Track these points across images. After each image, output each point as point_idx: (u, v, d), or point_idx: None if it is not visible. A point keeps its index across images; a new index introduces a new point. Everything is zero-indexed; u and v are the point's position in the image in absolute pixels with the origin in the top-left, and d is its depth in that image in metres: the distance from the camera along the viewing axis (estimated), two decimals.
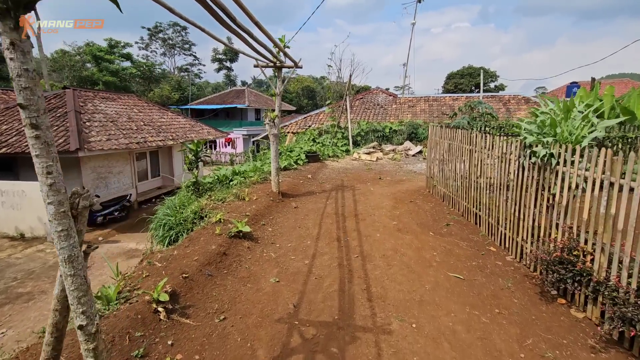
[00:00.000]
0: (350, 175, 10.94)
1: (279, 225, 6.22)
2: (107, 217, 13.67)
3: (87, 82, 34.26)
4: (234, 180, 9.45)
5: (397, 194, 8.56)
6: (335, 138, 16.06)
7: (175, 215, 6.44)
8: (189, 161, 8.72)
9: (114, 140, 13.72)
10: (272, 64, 7.28)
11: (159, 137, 16.47)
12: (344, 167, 12.50)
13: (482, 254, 4.98)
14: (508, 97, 20.41)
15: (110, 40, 35.20)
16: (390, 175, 11.01)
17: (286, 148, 13.06)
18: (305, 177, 10.30)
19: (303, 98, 55.13)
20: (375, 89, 23.45)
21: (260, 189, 8.20)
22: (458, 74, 57.53)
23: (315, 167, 11.84)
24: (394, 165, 12.83)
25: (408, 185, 9.65)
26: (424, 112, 20.22)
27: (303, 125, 20.62)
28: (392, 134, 17.53)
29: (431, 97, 21.93)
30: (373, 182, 10.01)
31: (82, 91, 16.40)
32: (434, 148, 8.29)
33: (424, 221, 6.41)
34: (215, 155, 32.61)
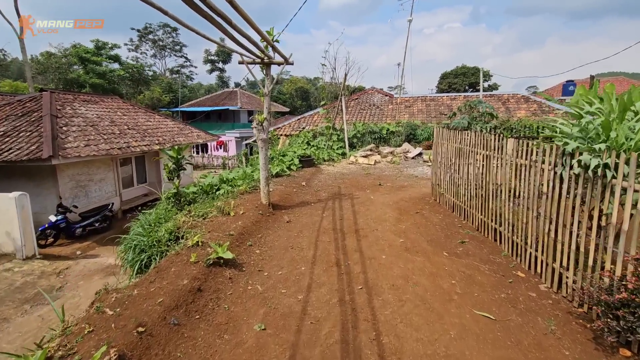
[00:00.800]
0: (347, 181, 10.08)
1: (269, 246, 5.33)
2: (86, 229, 12.66)
3: (74, 85, 33.05)
4: (221, 190, 8.55)
5: (400, 202, 7.71)
6: (331, 140, 15.20)
7: (149, 234, 5.52)
8: (168, 170, 7.79)
9: (93, 145, 12.71)
10: (260, 60, 6.40)
11: (144, 142, 15.47)
12: (341, 171, 11.65)
13: (510, 281, 4.14)
14: (507, 96, 19.72)
15: (97, 42, 34.02)
16: (390, 181, 10.17)
17: (279, 152, 12.17)
18: (299, 184, 9.42)
19: (297, 99, 54.28)
20: (370, 89, 22.64)
21: (248, 200, 7.30)
22: (452, 74, 57.07)
23: (310, 173, 10.97)
24: (393, 169, 12.00)
25: (411, 192, 8.82)
26: (421, 112, 19.45)
27: (297, 127, 19.74)
28: (390, 135, 16.71)
29: (428, 96, 21.17)
30: (373, 189, 9.16)
31: (60, 93, 15.35)
32: (441, 152, 7.46)
33: (435, 237, 5.56)
34: (208, 159, 31.60)
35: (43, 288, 9.09)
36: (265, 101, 6.62)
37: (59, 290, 8.95)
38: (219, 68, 53.00)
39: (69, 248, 12.07)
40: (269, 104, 6.65)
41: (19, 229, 9.85)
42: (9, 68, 47.51)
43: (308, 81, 63.59)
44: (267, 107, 6.66)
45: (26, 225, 10.05)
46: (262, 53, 6.26)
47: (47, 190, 12.41)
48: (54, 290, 8.86)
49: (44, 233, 11.58)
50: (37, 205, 12.32)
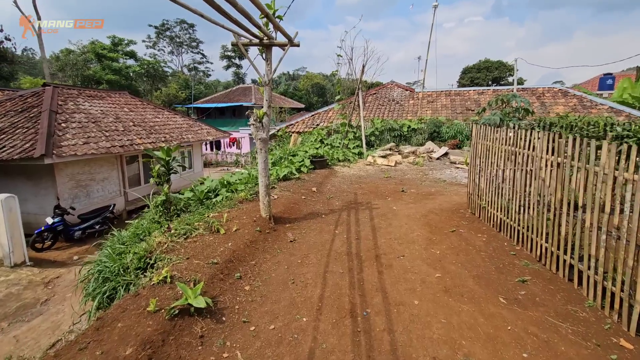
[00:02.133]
0: (365, 187, 8.70)
1: (263, 279, 4.05)
2: (86, 232, 11.78)
3: (92, 81, 32.76)
4: (220, 196, 7.34)
5: (429, 216, 6.29)
6: (346, 139, 13.80)
7: (116, 259, 4.34)
8: (156, 174, 6.63)
9: (92, 143, 11.78)
10: (258, 41, 5.10)
11: (150, 139, 14.51)
12: (357, 174, 10.27)
13: (614, 359, 2.71)
14: (542, 90, 17.76)
15: (113, 38, 33.60)
16: (415, 186, 8.73)
17: (288, 152, 10.89)
18: (309, 189, 8.11)
19: (313, 95, 52.92)
20: (389, 83, 21.04)
21: (246, 211, 6.04)
22: (474, 68, 54.31)
23: (322, 176, 9.64)
24: (416, 172, 10.52)
25: (441, 201, 7.37)
26: (445, 108, 17.77)
27: (310, 124, 18.42)
28: (411, 133, 15.17)
29: (453, 91, 19.42)
30: (395, 197, 7.76)
31: (64, 88, 14.54)
32: (482, 155, 5.98)
33: (483, 271, 4.15)
34: (221, 156, 30.74)
35: (27, 301, 8.15)
36: (265, 92, 5.31)
37: (44, 303, 7.98)
38: (235, 64, 52.15)
39: (66, 252, 11.19)
40: (269, 96, 5.34)
41: (6, 234, 8.96)
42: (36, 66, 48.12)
43: (324, 77, 62.07)
44: (268, 99, 5.36)
45: (14, 230, 9.15)
46: (263, 33, 4.96)
47: (45, 190, 11.57)
48: (38, 304, 7.90)
49: (41, 236, 10.74)
50: (35, 206, 11.51)
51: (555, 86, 17.87)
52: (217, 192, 7.92)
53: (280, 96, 40.46)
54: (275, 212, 6.20)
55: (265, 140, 5.38)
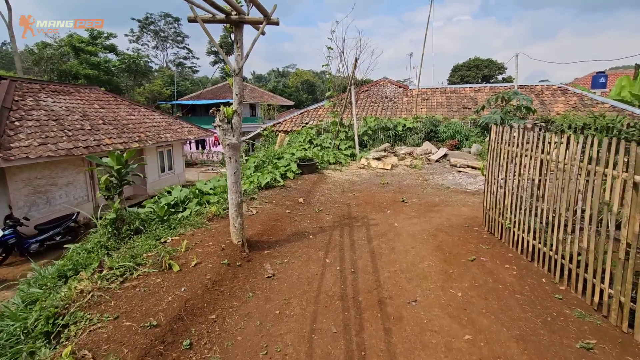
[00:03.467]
0: (359, 195, 7.53)
1: (223, 347, 2.82)
2: (45, 244, 10.34)
3: (68, 76, 30.76)
4: (188, 210, 6.07)
5: (439, 235, 5.15)
6: (338, 139, 12.60)
7: (19, 316, 3.08)
8: (104, 186, 5.33)
9: (51, 144, 10.31)
10: (224, 16, 3.84)
11: (121, 139, 13.06)
12: (350, 179, 9.09)
13: None
14: (541, 88, 16.85)
15: (92, 31, 31.58)
16: (416, 195, 7.60)
17: (273, 154, 9.64)
18: (295, 200, 6.89)
19: (302, 92, 51.57)
20: (382, 80, 19.89)
21: (216, 233, 4.80)
22: (464, 66, 53.71)
23: (311, 182, 8.43)
24: (415, 177, 9.40)
25: (448, 214, 6.24)
26: (441, 106, 16.71)
27: (300, 122, 17.16)
28: (407, 132, 14.05)
29: (448, 88, 18.38)
30: (395, 209, 6.60)
31: (24, 82, 12.96)
32: (506, 164, 4.83)
33: (527, 328, 3.00)
34: (207, 155, 29.25)
35: None
36: (235, 84, 4.07)
37: None
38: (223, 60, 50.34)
39: (19, 269, 9.69)
40: (240, 89, 4.10)
41: None
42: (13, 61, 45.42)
43: (314, 74, 60.71)
44: (238, 93, 4.11)
45: None
46: (230, 5, 3.71)
47: None
48: None
49: None
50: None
51: (554, 84, 16.98)
52: (186, 205, 6.65)
53: (269, 93, 39.00)
54: (252, 233, 4.97)
55: (235, 147, 4.13)
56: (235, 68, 3.99)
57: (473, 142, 12.88)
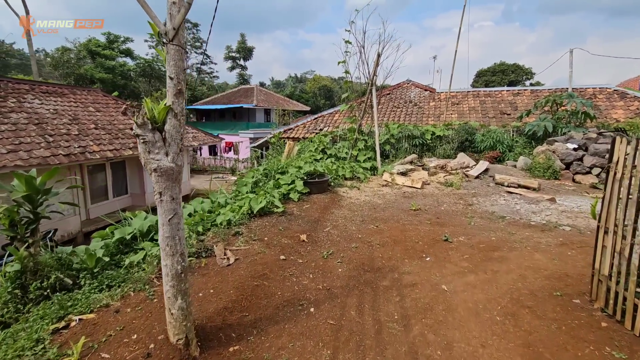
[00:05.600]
0: (384, 228, 5.49)
1: None
2: None
3: (85, 80, 30.18)
4: (141, 253, 4.22)
5: (522, 316, 3.05)
6: (355, 148, 10.59)
7: None
8: (7, 222, 3.57)
9: (23, 152, 8.78)
10: None
11: (112, 145, 11.49)
12: (371, 201, 7.06)
13: None
14: (592, 91, 14.32)
15: (108, 35, 30.99)
16: (462, 229, 5.49)
17: (276, 167, 7.73)
18: (296, 237, 4.93)
19: (320, 98, 49.89)
20: (405, 82, 17.78)
21: (155, 308, 2.90)
22: (489, 72, 50.69)
23: (320, 206, 6.46)
24: (454, 199, 7.27)
25: (518, 265, 4.12)
26: (474, 111, 14.45)
27: (313, 129, 15.27)
28: (436, 141, 11.90)
29: (482, 91, 16.08)
30: (437, 254, 4.53)
31: (12, 82, 11.64)
32: None
33: None
34: (219, 161, 27.79)
35: None
36: (168, 59, 2.17)
37: None
38: (240, 65, 49.35)
39: None
40: (178, 68, 2.20)
41: None
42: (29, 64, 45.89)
43: (332, 80, 59.01)
44: (174, 75, 2.20)
45: None
46: None
47: None
48: None
49: None
50: None
51: (609, 86, 14.41)
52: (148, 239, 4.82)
53: (285, 98, 37.43)
54: (215, 309, 3.04)
55: (169, 174, 2.23)
56: (166, 29, 2.10)
57: (518, 154, 10.60)
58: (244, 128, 29.93)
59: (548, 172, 9.03)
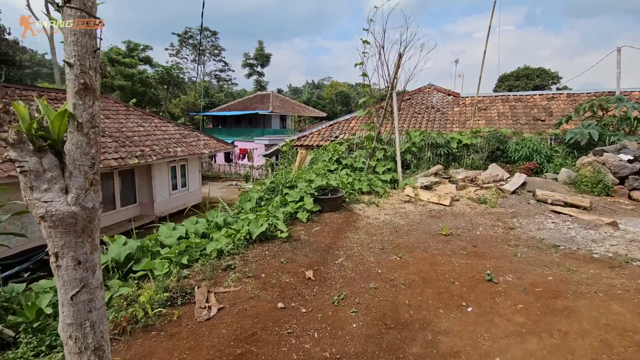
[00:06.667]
0: (410, 261, 4.46)
1: None
2: (8, 282, 8.22)
3: (106, 88, 30.45)
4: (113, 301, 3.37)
5: None
6: (374, 158, 9.59)
7: None
8: None
9: None
10: None
11: (117, 154, 10.94)
12: (392, 222, 6.04)
13: None
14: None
15: (128, 43, 31.26)
16: (507, 263, 4.39)
17: (284, 181, 6.82)
18: (299, 275, 3.97)
19: (337, 104, 49.06)
20: (427, 87, 16.65)
21: None
22: (512, 76, 48.59)
23: (332, 229, 5.50)
24: (491, 220, 6.14)
25: (595, 324, 3.01)
26: (504, 117, 13.17)
27: (328, 136, 14.36)
28: (462, 150, 10.74)
29: (512, 95, 14.75)
30: (480, 301, 3.47)
31: (19, 89, 11.31)
32: None
33: None
34: (234, 167, 27.28)
35: None
36: (67, 35, 1.30)
37: None
38: (257, 72, 49.25)
39: None
40: (80, 50, 1.32)
41: None
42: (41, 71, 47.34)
43: (350, 86, 58.17)
44: (77, 59, 1.33)
45: None
46: None
47: None
48: None
49: None
50: None
51: None
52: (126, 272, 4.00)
53: (301, 104, 36.78)
54: None
55: (69, 224, 1.35)
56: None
57: (559, 166, 9.31)
58: (259, 134, 29.40)
59: (598, 187, 7.74)
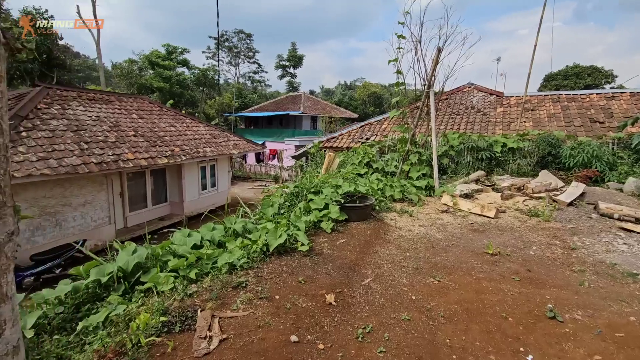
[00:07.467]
0: (450, 286, 3.76)
1: None
2: (41, 277, 8.43)
3: (147, 89, 31.78)
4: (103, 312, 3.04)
5: None
6: (407, 163, 8.85)
7: None
8: None
9: (53, 160, 8.41)
10: None
11: (149, 153, 11.00)
12: (428, 235, 5.34)
13: None
14: None
15: (168, 46, 32.42)
16: (573, 296, 3.58)
17: (309, 185, 6.32)
18: (319, 299, 3.43)
19: (369, 105, 48.09)
20: (467, 86, 15.52)
21: None
22: (560, 75, 45.10)
23: (360, 242, 4.91)
24: (546, 238, 5.25)
25: None
26: (555, 119, 11.85)
27: (359, 138, 13.73)
28: (507, 154, 9.69)
29: (564, 94, 13.30)
30: (545, 352, 2.72)
31: (60, 90, 11.71)
32: None
33: None
34: (265, 168, 27.34)
35: None
36: None
37: None
38: (290, 73, 49.41)
39: None
40: None
41: None
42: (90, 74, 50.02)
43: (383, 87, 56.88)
44: None
45: None
46: None
47: None
48: None
49: None
50: None
51: None
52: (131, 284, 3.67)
53: (332, 105, 36.29)
54: None
55: None
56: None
57: (624, 174, 8.07)
58: (289, 135, 29.26)
59: None
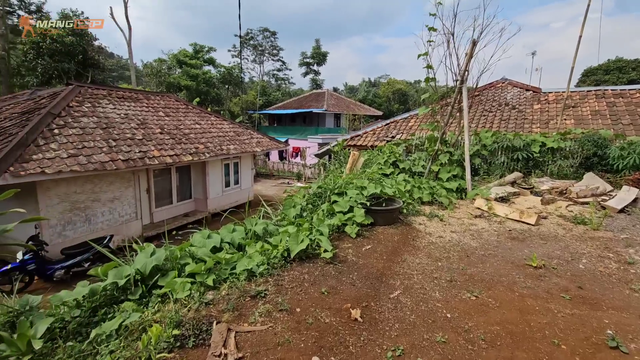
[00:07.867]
0: (489, 303, 3.36)
1: None
2: (70, 271, 8.66)
3: (175, 88, 32.59)
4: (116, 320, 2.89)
5: None
6: (436, 163, 8.36)
7: None
8: None
9: (83, 156, 8.59)
10: None
11: (174, 150, 11.09)
12: (460, 243, 4.92)
13: None
14: None
15: (195, 45, 33.04)
16: (635, 321, 3.09)
17: (332, 186, 6.03)
18: (343, 313, 3.15)
19: (394, 103, 47.08)
20: (501, 81, 14.66)
21: None
22: (600, 69, 42.19)
23: (387, 248, 4.57)
24: (596, 249, 4.69)
25: None
26: (599, 116, 10.91)
27: (384, 136, 13.28)
28: (546, 155, 8.97)
29: (609, 90, 12.24)
30: None
31: (92, 88, 12.03)
32: None
33: None
34: (288, 165, 27.33)
35: None
36: None
37: None
38: (314, 70, 49.18)
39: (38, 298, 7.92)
40: None
41: None
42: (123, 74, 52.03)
43: (408, 84, 55.53)
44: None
45: None
46: None
47: (29, 215, 8.70)
48: None
49: (7, 276, 7.85)
50: (20, 233, 8.73)
51: None
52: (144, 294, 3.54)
53: (356, 102, 35.74)
54: None
55: None
56: None
57: None
58: (313, 133, 29.07)
59: None
